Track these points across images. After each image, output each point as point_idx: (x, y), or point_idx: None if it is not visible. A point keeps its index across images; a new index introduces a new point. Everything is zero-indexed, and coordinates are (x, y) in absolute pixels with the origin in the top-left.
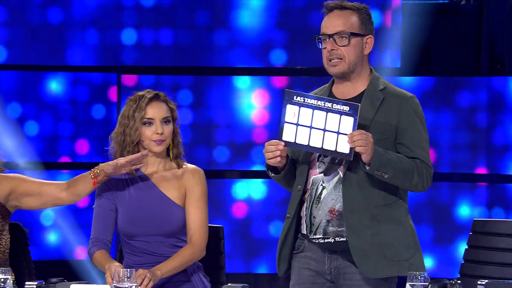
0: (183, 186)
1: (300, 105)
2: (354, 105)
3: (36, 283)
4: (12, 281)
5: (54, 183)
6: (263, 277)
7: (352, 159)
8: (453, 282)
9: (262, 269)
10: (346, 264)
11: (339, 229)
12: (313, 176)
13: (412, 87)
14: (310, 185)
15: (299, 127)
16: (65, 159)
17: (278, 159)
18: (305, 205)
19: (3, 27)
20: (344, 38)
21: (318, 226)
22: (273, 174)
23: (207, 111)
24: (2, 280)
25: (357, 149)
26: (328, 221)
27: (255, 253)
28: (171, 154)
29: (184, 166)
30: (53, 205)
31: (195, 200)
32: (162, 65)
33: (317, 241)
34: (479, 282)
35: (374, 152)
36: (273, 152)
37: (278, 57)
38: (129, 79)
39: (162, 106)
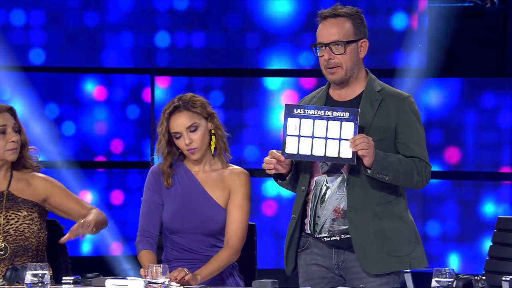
0: (227, 187)
1: (301, 117)
2: (353, 110)
3: (72, 278)
4: (49, 276)
5: (85, 206)
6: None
7: (355, 163)
8: (478, 278)
9: None
10: (353, 258)
11: (344, 227)
12: (316, 177)
13: (437, 88)
14: (314, 186)
15: (301, 138)
16: (100, 158)
17: (273, 171)
18: (309, 205)
19: (41, 30)
20: (340, 47)
21: (323, 225)
22: (279, 181)
23: (238, 112)
24: (40, 275)
25: (360, 153)
26: (333, 220)
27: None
28: (212, 149)
29: (230, 168)
30: None
31: (237, 202)
32: (194, 67)
33: (323, 239)
34: (503, 278)
35: (376, 156)
36: (268, 165)
37: (307, 59)
38: (162, 81)
39: (185, 115)
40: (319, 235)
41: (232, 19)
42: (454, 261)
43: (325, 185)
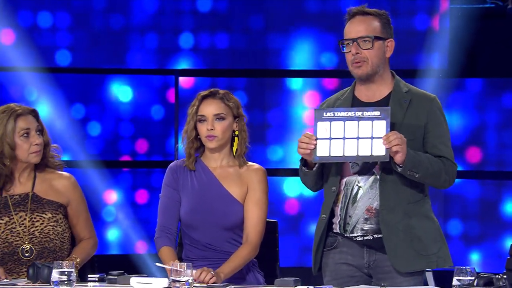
0: (245, 183)
1: (331, 119)
2: (384, 108)
3: (98, 276)
4: (75, 274)
5: (88, 231)
6: None
7: (388, 160)
8: (499, 276)
9: None
10: (384, 258)
11: (377, 226)
12: (347, 177)
13: (459, 88)
14: (344, 186)
15: (332, 140)
16: (125, 158)
17: (308, 151)
18: (338, 205)
19: (67, 32)
20: (367, 42)
21: (356, 224)
22: (306, 170)
23: (261, 112)
24: (66, 272)
25: (393, 149)
26: (366, 219)
27: (307, 247)
28: (234, 151)
29: (247, 165)
30: None
31: (255, 198)
32: (218, 67)
33: (354, 239)
34: None
35: (407, 153)
36: (306, 144)
37: (329, 60)
38: (186, 82)
39: (216, 103)
40: (351, 235)
41: (255, 20)
42: (475, 259)
43: (357, 185)
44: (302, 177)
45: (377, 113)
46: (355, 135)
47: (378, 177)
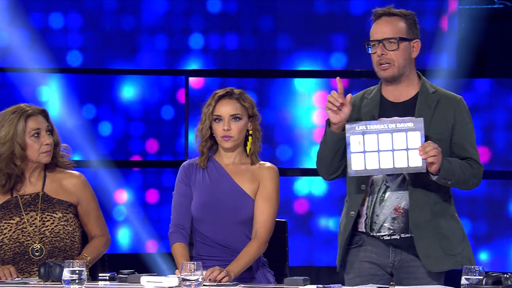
0: (257, 180)
1: (364, 133)
2: (417, 120)
3: (108, 274)
4: (86, 273)
5: (100, 229)
6: (324, 270)
7: (426, 171)
8: (507, 275)
9: (322, 262)
10: (410, 258)
11: (404, 226)
12: (375, 177)
13: (467, 88)
14: (370, 185)
15: (366, 153)
16: (136, 158)
17: (335, 108)
18: (365, 204)
19: (78, 33)
20: (393, 43)
21: (383, 224)
22: (329, 129)
23: (270, 112)
24: (77, 271)
25: (429, 160)
26: (393, 219)
27: (316, 247)
28: (248, 150)
29: (259, 163)
30: None
31: (266, 195)
32: (228, 68)
33: (381, 238)
34: None
35: (442, 163)
36: (331, 104)
37: (338, 60)
38: (196, 82)
39: (233, 103)
40: (377, 234)
41: (264, 21)
42: (483, 259)
43: (385, 184)
44: (320, 150)
45: (410, 124)
46: (390, 147)
47: (406, 177)
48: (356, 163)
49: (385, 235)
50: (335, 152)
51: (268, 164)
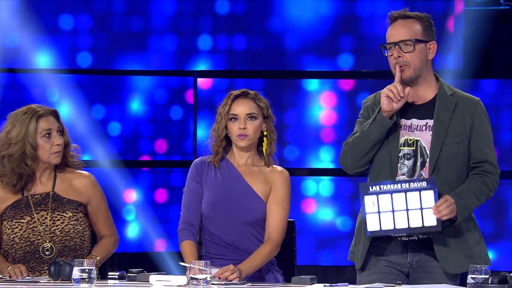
0: (269, 182)
1: (378, 193)
2: (431, 179)
3: (118, 273)
4: (96, 272)
5: (109, 229)
6: (331, 269)
7: (441, 230)
8: None
9: (330, 262)
10: (428, 259)
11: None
12: (396, 177)
13: (473, 89)
14: None
15: (381, 214)
16: (145, 158)
17: (396, 100)
18: None
19: (88, 34)
20: (409, 45)
21: None
22: (380, 116)
23: (278, 112)
24: (87, 270)
25: (444, 218)
26: None
27: (323, 246)
28: (264, 151)
29: (272, 166)
30: None
31: (279, 199)
32: (236, 69)
33: (399, 239)
34: None
35: (458, 209)
36: (394, 95)
37: (345, 61)
38: (204, 83)
39: (248, 103)
40: (396, 234)
41: (272, 23)
42: (490, 258)
43: None
44: (357, 141)
45: (424, 183)
46: (404, 207)
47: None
48: (372, 224)
49: (404, 236)
50: (374, 144)
51: (279, 168)
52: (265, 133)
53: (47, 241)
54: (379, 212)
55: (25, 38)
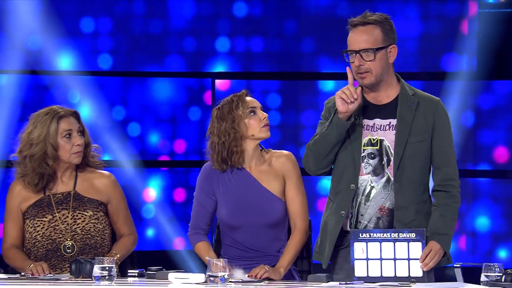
0: (280, 173)
1: (367, 240)
2: (419, 231)
3: (137, 271)
4: (116, 269)
5: (128, 228)
6: None
7: (426, 281)
8: None
9: None
10: None
11: (388, 225)
12: (360, 176)
13: (487, 90)
14: (357, 185)
15: (369, 261)
16: (164, 158)
17: (349, 101)
18: (351, 204)
19: (108, 36)
20: (369, 53)
21: (367, 223)
22: (337, 118)
23: (295, 113)
24: (107, 268)
25: (430, 268)
26: (378, 218)
27: None
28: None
29: (273, 153)
30: None
31: (294, 185)
32: (253, 70)
33: None
34: None
35: (444, 248)
36: (346, 96)
37: None
38: (222, 84)
39: (254, 99)
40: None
41: (289, 25)
42: (503, 256)
43: (370, 184)
44: (315, 144)
45: (412, 234)
46: (392, 256)
47: (391, 178)
48: (359, 270)
49: None
50: (334, 145)
51: (281, 153)
52: None
53: (68, 239)
54: (367, 259)
55: (47, 40)
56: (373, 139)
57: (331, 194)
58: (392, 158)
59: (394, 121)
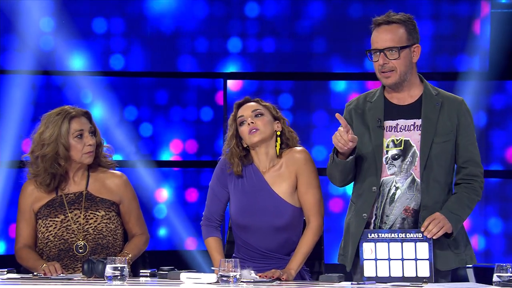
0: (293, 171)
1: (375, 241)
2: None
3: (149, 271)
4: (128, 269)
5: (139, 228)
6: None
7: (434, 281)
8: None
9: None
10: None
11: (414, 226)
12: (384, 178)
13: (499, 90)
14: (380, 186)
15: (378, 261)
16: (176, 158)
17: (342, 141)
18: (375, 205)
19: (121, 37)
20: (394, 52)
21: (393, 224)
22: (337, 159)
23: (306, 113)
24: (119, 268)
25: (436, 236)
26: (403, 219)
27: None
28: (277, 151)
29: (287, 150)
30: None
31: (306, 180)
32: (265, 71)
33: None
34: None
35: (451, 223)
36: (337, 139)
37: (372, 63)
38: (234, 84)
39: (251, 105)
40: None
41: (300, 25)
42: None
43: (394, 185)
44: (330, 169)
45: (419, 235)
46: (400, 257)
47: (416, 178)
48: (368, 270)
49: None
50: (346, 174)
51: (297, 149)
52: (278, 133)
53: (81, 239)
54: (376, 259)
55: (60, 41)
56: (397, 140)
57: (353, 196)
58: (417, 159)
59: (418, 121)
